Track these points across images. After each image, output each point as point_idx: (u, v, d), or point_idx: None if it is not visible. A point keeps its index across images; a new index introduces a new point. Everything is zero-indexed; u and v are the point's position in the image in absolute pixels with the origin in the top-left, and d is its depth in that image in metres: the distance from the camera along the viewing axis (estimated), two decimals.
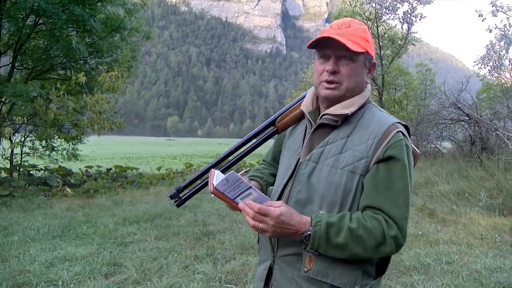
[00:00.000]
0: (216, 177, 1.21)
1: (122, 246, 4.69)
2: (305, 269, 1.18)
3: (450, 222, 5.85)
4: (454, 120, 11.20)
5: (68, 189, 8.92)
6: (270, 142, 1.58)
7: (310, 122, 1.30)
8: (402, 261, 4.08)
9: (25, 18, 9.07)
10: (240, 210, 1.15)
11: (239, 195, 1.15)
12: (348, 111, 1.21)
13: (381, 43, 17.56)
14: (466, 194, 7.16)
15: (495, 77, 20.49)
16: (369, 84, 1.31)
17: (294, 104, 1.40)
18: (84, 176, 11.01)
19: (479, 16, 15.49)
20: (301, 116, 1.38)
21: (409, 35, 17.65)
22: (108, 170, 12.60)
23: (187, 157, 30.65)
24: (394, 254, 1.19)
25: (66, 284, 3.41)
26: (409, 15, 17.31)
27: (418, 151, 1.40)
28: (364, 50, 1.19)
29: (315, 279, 1.17)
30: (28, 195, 8.05)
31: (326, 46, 1.20)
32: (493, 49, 19.86)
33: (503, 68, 19.72)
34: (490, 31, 17.38)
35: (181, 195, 1.39)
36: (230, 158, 1.45)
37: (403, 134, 1.18)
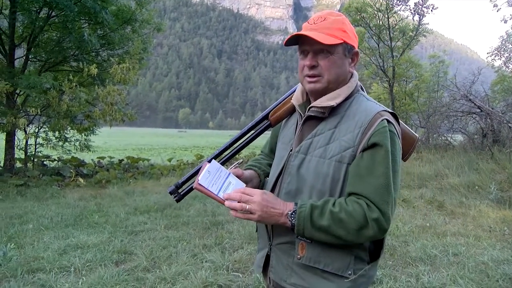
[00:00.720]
0: (205, 171, 1.24)
1: (132, 235, 4.78)
2: (298, 256, 1.22)
3: (459, 215, 5.81)
4: (465, 112, 11.07)
5: (81, 179, 9.09)
6: (268, 135, 1.62)
7: (301, 114, 1.33)
8: (408, 252, 4.09)
9: (38, 10, 9.19)
10: (223, 203, 1.20)
11: (221, 188, 1.21)
12: (334, 102, 1.23)
13: (392, 35, 17.31)
14: (476, 187, 7.09)
15: (510, 68, 20.07)
16: (355, 73, 1.33)
17: (286, 98, 1.43)
18: (97, 166, 11.19)
19: (493, 6, 15.10)
20: (293, 109, 1.41)
21: (421, 26, 17.34)
22: (120, 161, 12.78)
23: (198, 148, 30.84)
24: (379, 238, 1.20)
25: (78, 271, 3.52)
26: (420, 6, 17.01)
27: (417, 135, 1.42)
28: (341, 41, 1.20)
29: (309, 265, 1.21)
30: (42, 185, 8.23)
31: (303, 43, 1.23)
32: (509, 40, 19.41)
33: None
34: (505, 21, 16.95)
35: (179, 190, 1.44)
36: (227, 152, 1.49)
37: (388, 121, 1.20)
